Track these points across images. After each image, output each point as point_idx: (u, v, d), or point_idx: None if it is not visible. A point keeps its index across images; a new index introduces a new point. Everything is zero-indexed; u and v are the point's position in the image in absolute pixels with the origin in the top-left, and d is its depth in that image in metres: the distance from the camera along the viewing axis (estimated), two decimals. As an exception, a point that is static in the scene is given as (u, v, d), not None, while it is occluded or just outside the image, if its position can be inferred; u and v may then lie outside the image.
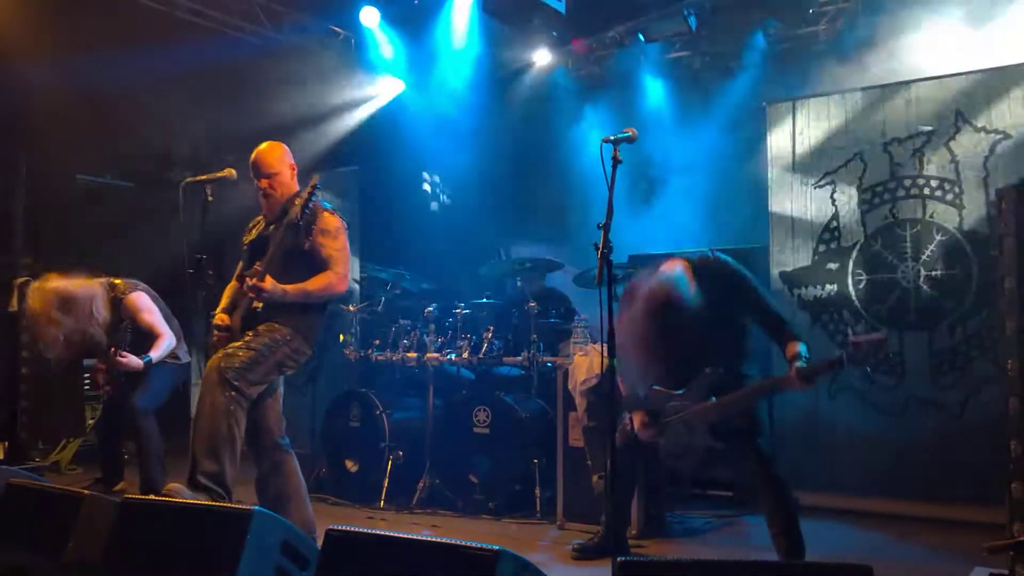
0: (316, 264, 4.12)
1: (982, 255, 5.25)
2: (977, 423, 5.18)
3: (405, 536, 2.55)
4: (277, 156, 4.27)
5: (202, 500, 3.65)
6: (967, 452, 5.18)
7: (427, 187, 7.48)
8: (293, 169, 4.32)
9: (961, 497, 5.13)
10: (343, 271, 4.12)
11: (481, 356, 5.67)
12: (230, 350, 3.98)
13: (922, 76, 5.60)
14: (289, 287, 4.03)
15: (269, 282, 3.98)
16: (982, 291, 5.25)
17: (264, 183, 4.23)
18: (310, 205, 4.05)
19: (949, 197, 5.44)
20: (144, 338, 5.24)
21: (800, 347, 3.79)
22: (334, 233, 4.14)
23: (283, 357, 4.06)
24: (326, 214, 4.16)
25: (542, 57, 7.57)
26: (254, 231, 4.34)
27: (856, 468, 5.56)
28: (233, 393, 3.87)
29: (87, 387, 6.81)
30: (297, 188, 4.25)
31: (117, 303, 5.29)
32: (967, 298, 5.34)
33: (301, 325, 4.11)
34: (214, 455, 3.80)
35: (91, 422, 6.71)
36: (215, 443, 3.81)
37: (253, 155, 4.29)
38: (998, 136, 5.28)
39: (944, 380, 5.38)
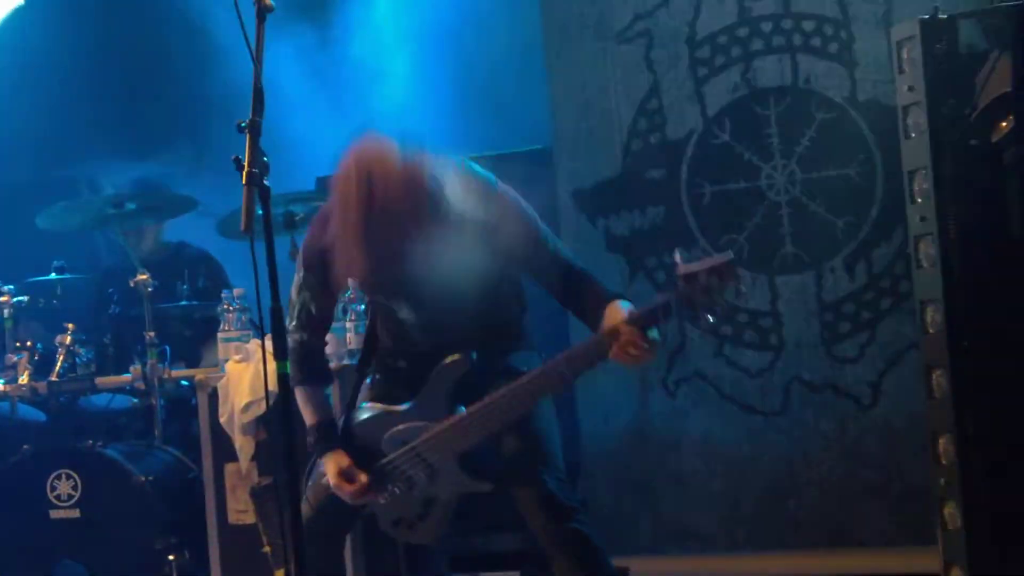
0: None
1: (889, 140, 5.25)
2: (898, 415, 5.46)
3: None
4: None
5: None
6: (885, 463, 5.48)
7: None
8: None
9: (876, 537, 5.49)
10: None
11: (56, 379, 5.55)
12: None
13: None
14: None
15: None
16: (893, 200, 5.38)
17: None
18: None
19: (833, 48, 5.69)
20: None
21: (623, 307, 3.84)
22: None
23: None
24: None
25: None
26: None
27: (714, 508, 5.80)
28: None
29: None
30: None
31: None
32: (871, 213, 5.65)
33: None
34: None
35: None
36: None
37: None
38: (901, -58, 5.48)
39: (844, 349, 5.64)
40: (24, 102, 7.22)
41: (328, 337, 4.41)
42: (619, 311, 3.81)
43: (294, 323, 4.21)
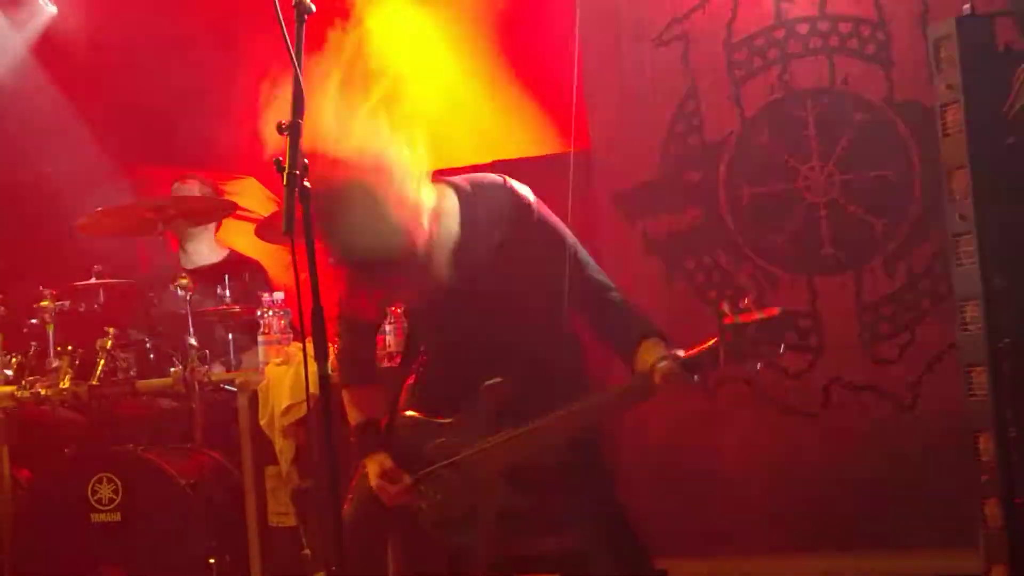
0: None
1: (927, 141, 5.25)
2: (939, 415, 5.36)
3: None
4: None
5: None
6: (924, 464, 5.40)
7: None
8: None
9: (916, 538, 5.43)
10: None
11: (97, 383, 5.56)
12: None
13: None
14: None
15: None
16: (932, 200, 5.36)
17: None
18: None
19: (870, 49, 5.68)
20: None
21: (662, 347, 3.84)
22: None
23: None
24: None
25: None
26: None
27: (752, 509, 5.75)
28: None
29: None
30: None
31: None
32: (909, 213, 5.60)
33: None
34: None
35: None
36: None
37: None
38: (941, -59, 5.37)
39: (884, 350, 5.59)
40: (68, 107, 7.33)
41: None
42: (659, 350, 3.81)
43: (342, 324, 4.28)
